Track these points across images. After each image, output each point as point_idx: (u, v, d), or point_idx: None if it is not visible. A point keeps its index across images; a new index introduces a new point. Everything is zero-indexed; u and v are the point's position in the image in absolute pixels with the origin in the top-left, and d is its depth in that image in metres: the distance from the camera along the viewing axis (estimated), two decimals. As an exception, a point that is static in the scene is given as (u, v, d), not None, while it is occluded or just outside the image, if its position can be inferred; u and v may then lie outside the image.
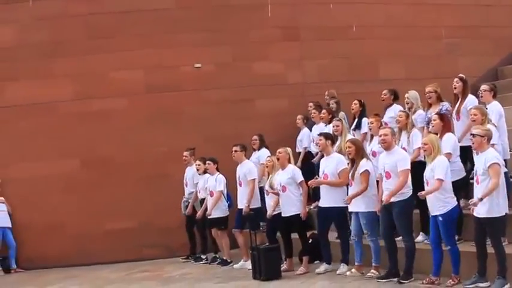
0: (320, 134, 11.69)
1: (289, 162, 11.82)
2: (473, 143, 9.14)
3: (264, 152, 13.67)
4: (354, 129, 12.85)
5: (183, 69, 15.36)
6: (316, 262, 12.16)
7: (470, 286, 9.14)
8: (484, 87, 11.11)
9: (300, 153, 14.44)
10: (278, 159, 11.75)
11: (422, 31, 16.83)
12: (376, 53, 16.38)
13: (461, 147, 10.43)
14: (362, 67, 16.21)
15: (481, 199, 8.86)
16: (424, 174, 9.51)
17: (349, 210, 10.83)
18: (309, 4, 16.19)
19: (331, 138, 11.55)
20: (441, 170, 9.32)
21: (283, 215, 11.63)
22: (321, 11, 16.21)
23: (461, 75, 11.26)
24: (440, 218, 9.30)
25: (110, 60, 15.02)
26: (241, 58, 15.68)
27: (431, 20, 16.99)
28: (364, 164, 10.60)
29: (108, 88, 15.04)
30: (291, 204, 11.56)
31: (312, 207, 12.89)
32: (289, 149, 11.96)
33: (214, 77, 15.53)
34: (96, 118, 14.98)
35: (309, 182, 11.38)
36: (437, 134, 10.05)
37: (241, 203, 12.61)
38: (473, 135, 9.11)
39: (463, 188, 10.20)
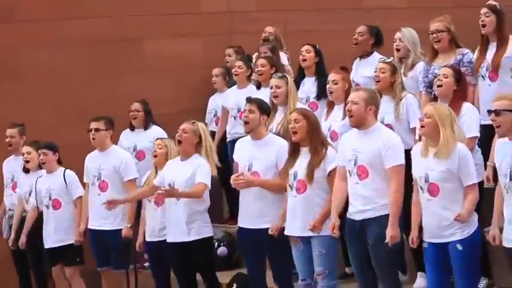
0: (251, 101, 9.40)
1: (199, 147, 9.26)
2: (498, 126, 7.18)
3: (155, 132, 11.06)
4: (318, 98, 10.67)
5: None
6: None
7: None
8: None
9: (214, 132, 12.11)
10: (180, 141, 9.20)
11: None
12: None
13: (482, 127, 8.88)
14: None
15: None
16: (415, 173, 7.72)
17: (292, 234, 8.76)
18: None
19: (268, 111, 9.38)
20: (471, 167, 7.72)
21: (169, 240, 9.58)
22: None
23: (492, 2, 9.80)
24: (459, 247, 7.56)
25: None
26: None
27: None
28: (331, 156, 8.32)
29: None
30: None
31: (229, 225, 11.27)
32: (201, 125, 9.42)
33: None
34: None
35: (232, 181, 8.89)
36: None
37: (103, 221, 10.23)
38: (496, 112, 7.21)
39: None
